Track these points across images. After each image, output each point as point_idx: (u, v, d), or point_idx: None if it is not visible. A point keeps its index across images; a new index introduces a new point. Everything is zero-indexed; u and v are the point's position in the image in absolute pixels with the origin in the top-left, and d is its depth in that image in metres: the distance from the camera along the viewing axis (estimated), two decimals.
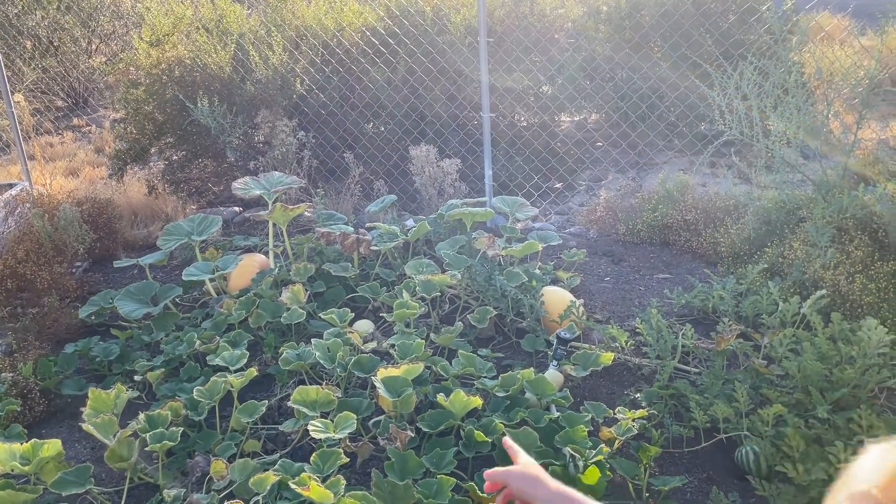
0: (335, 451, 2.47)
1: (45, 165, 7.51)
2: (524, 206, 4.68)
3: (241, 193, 4.31)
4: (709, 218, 4.77)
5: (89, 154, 8.32)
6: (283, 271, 4.10)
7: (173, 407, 2.96)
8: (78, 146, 8.74)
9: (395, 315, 3.44)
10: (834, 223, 3.88)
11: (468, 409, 2.78)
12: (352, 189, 5.52)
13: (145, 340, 3.75)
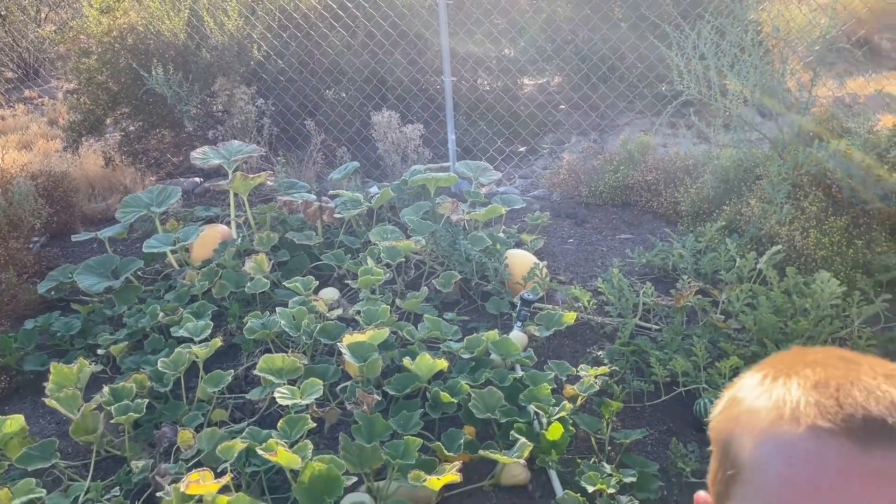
0: (302, 416, 2.49)
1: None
2: (487, 171, 4.68)
3: (201, 163, 4.25)
4: (669, 178, 4.83)
5: (42, 126, 8.09)
6: (246, 241, 4.06)
7: (138, 379, 2.94)
8: (30, 119, 8.49)
9: (360, 282, 3.45)
10: (789, 180, 3.96)
11: (434, 372, 2.81)
12: (314, 157, 5.47)
13: (107, 314, 3.71)
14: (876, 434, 0.59)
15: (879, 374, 0.64)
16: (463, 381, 2.79)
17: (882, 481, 0.58)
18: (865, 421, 0.60)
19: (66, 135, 6.13)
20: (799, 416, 0.62)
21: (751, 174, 4.31)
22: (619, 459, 2.59)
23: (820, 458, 0.60)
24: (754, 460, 0.64)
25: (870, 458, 0.58)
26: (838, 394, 0.62)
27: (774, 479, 0.61)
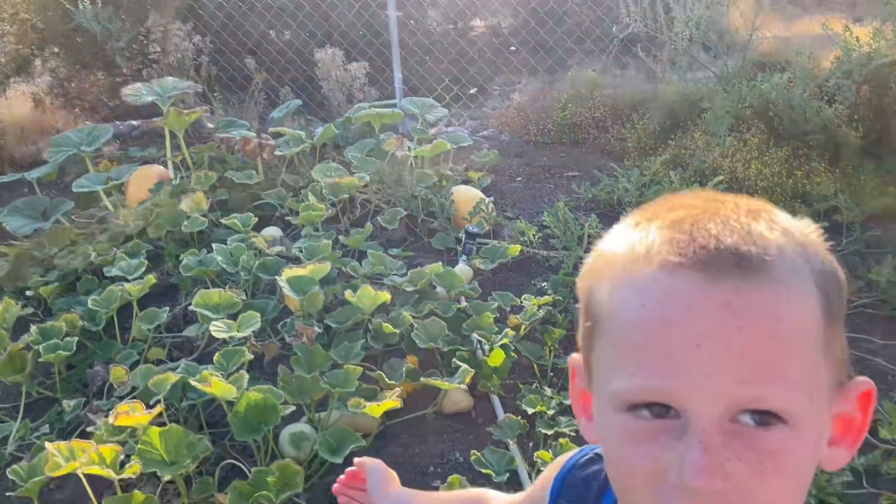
0: (239, 349, 2.43)
1: None
2: (434, 108, 4.59)
3: (133, 100, 4.06)
4: (617, 115, 4.81)
5: None
6: (184, 181, 3.92)
7: (68, 319, 2.83)
8: None
9: (301, 218, 3.36)
10: (732, 113, 3.97)
11: (377, 305, 2.77)
12: (255, 97, 5.29)
13: (37, 256, 3.55)
14: (726, 265, 0.55)
15: (742, 209, 0.60)
16: (406, 312, 2.75)
17: (731, 313, 0.54)
18: (717, 252, 0.56)
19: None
20: (652, 255, 0.58)
21: (696, 108, 4.31)
22: (561, 384, 2.60)
23: (670, 294, 0.56)
24: (611, 306, 0.60)
25: (720, 290, 0.55)
26: (692, 228, 0.58)
27: (628, 321, 0.58)
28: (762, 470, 0.55)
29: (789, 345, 0.55)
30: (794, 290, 0.57)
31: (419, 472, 2.35)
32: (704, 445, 0.54)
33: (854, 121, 3.79)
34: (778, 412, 0.55)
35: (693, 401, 0.55)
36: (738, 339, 0.54)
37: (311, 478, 2.28)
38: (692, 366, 0.54)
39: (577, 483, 0.82)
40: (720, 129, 3.91)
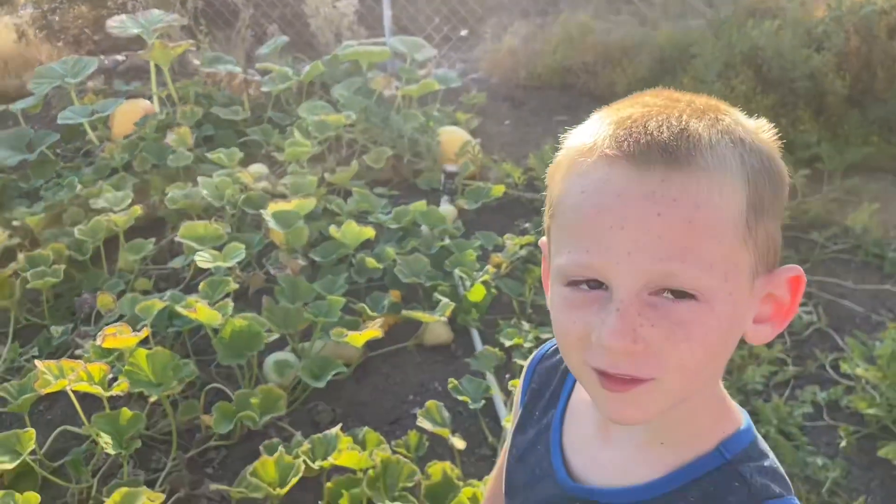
0: (224, 279, 2.47)
1: None
2: (423, 48, 4.56)
3: (118, 32, 4.01)
4: (607, 59, 4.78)
5: None
6: (169, 116, 3.90)
7: (55, 248, 2.86)
8: None
9: (287, 154, 3.38)
10: (722, 59, 3.96)
11: (361, 240, 2.81)
12: (242, 33, 5.22)
13: (23, 188, 3.57)
14: (655, 158, 0.62)
15: (692, 108, 0.66)
16: (390, 249, 2.79)
17: (653, 200, 0.61)
18: (647, 147, 0.62)
19: None
20: (595, 148, 0.65)
21: (686, 54, 4.30)
22: (540, 320, 2.67)
23: (604, 183, 0.63)
24: (561, 192, 0.68)
25: (647, 180, 0.61)
26: (633, 125, 0.64)
27: (571, 205, 0.66)
28: (672, 336, 0.62)
29: (704, 230, 0.61)
30: (716, 182, 0.62)
31: (399, 399, 2.43)
32: (620, 313, 0.62)
33: (841, 70, 3.80)
34: (688, 289, 0.62)
35: (616, 275, 0.63)
36: (657, 223, 0.61)
37: (293, 403, 2.36)
38: (616, 245, 0.62)
39: (544, 370, 0.90)
40: (709, 76, 3.92)
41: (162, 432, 2.28)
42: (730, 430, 0.73)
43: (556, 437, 0.83)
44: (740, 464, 0.71)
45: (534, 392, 0.90)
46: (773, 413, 2.18)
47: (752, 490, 0.70)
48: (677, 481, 0.72)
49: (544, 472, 0.82)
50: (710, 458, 0.72)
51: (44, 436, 2.25)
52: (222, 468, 2.20)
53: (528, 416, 0.89)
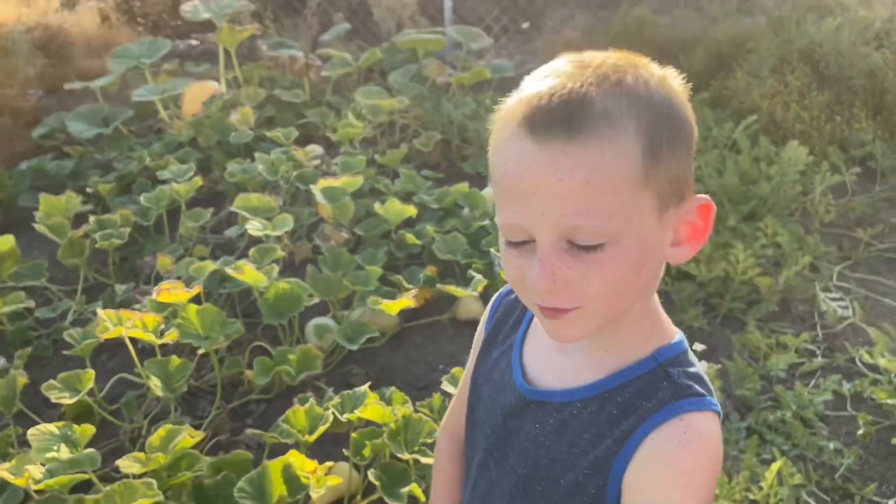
0: (272, 247, 2.64)
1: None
2: (480, 37, 4.66)
3: (190, 16, 4.25)
4: (663, 53, 4.77)
5: None
6: (234, 96, 4.12)
7: (123, 213, 3.09)
8: None
9: (339, 134, 3.53)
10: (778, 54, 3.93)
11: (403, 218, 2.94)
12: (309, 21, 5.42)
13: (98, 159, 3.83)
14: (555, 131, 0.72)
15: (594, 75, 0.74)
16: (429, 227, 2.91)
17: (555, 168, 0.72)
18: (549, 122, 0.72)
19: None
20: (511, 123, 0.76)
21: (742, 49, 4.27)
22: None
23: (516, 155, 0.75)
24: (492, 162, 0.80)
25: (549, 151, 0.72)
26: (540, 101, 0.73)
27: (500, 175, 0.77)
28: (587, 274, 0.76)
29: (601, 188, 0.72)
30: (609, 144, 0.72)
31: (429, 367, 2.55)
32: (542, 261, 0.76)
33: None
34: (594, 241, 0.74)
35: (536, 230, 0.76)
36: (560, 187, 0.73)
37: (330, 365, 2.51)
38: (533, 207, 0.74)
39: (509, 302, 1.03)
40: (763, 70, 3.89)
41: (208, 384, 2.47)
42: (664, 340, 0.87)
43: (516, 353, 0.96)
44: (670, 367, 0.84)
45: (498, 320, 1.03)
46: (794, 399, 2.21)
47: (677, 388, 0.82)
48: (616, 381, 0.85)
49: (505, 383, 0.95)
50: (646, 363, 0.85)
51: (104, 381, 2.46)
52: (261, 419, 2.37)
53: (492, 341, 1.02)
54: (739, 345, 2.55)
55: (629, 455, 0.81)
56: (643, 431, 0.80)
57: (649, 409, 0.81)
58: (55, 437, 1.78)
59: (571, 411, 0.87)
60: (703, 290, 2.76)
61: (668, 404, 0.81)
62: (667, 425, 0.80)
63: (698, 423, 0.80)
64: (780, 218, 3.06)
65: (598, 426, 0.84)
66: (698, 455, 0.79)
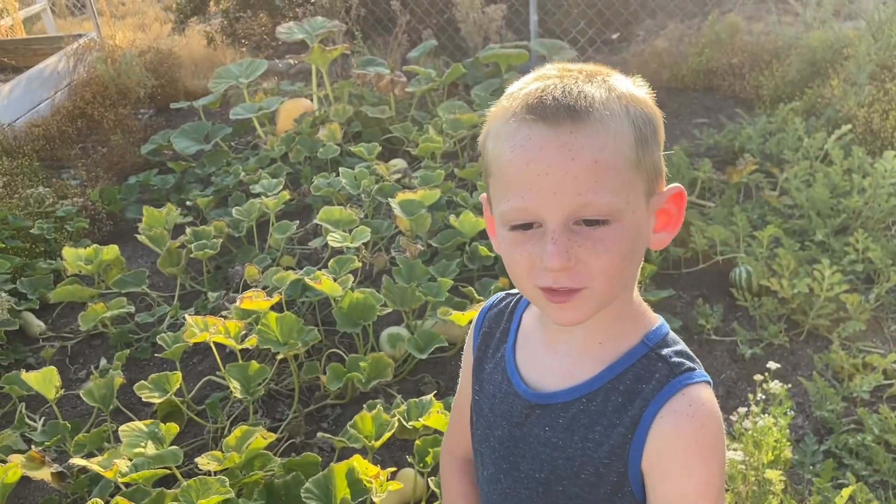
0: (350, 257, 2.75)
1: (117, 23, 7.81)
2: (563, 50, 4.66)
3: (285, 37, 4.47)
4: (755, 61, 4.64)
5: (158, 12, 8.56)
6: (324, 113, 4.30)
7: (217, 225, 3.29)
8: (147, 4, 8.99)
9: (420, 149, 3.63)
10: (877, 60, 3.74)
11: (477, 230, 2.99)
12: (399, 38, 5.58)
13: (198, 174, 4.09)
14: (563, 116, 0.79)
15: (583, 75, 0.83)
16: None
17: (567, 149, 0.79)
18: (556, 108, 0.79)
19: (174, 16, 6.51)
20: (515, 114, 0.82)
21: (839, 55, 4.09)
22: None
23: (527, 140, 0.80)
24: (493, 153, 0.85)
25: (559, 134, 0.79)
26: (542, 94, 0.81)
27: (506, 164, 0.82)
28: (595, 250, 0.81)
29: (607, 167, 0.79)
30: (611, 128, 0.80)
31: None
32: (554, 240, 0.80)
33: None
34: (602, 216, 0.80)
35: (547, 212, 0.80)
36: (572, 166, 0.79)
37: (403, 373, 2.59)
38: (544, 188, 0.80)
39: (493, 315, 1.08)
40: (861, 77, 3.72)
41: (287, 388, 2.59)
42: (650, 326, 0.92)
43: (510, 362, 1.00)
44: (660, 349, 0.90)
45: (486, 334, 1.07)
46: (877, 423, 2.10)
47: (672, 367, 0.88)
48: (615, 370, 0.90)
49: (505, 392, 0.99)
50: (638, 349, 0.91)
51: (193, 382, 2.64)
52: (335, 424, 2.47)
53: (483, 357, 1.06)
54: (822, 364, 2.45)
55: (643, 437, 0.86)
56: (651, 412, 0.86)
57: (651, 390, 0.87)
58: (143, 434, 1.93)
59: (578, 407, 0.91)
60: (784, 306, 2.66)
61: (668, 382, 0.87)
62: (671, 402, 0.86)
63: (698, 394, 0.86)
64: (873, 232, 2.91)
65: (606, 416, 0.89)
66: (706, 423, 0.85)
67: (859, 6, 4.29)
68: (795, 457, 2.03)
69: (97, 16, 6.36)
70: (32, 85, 4.99)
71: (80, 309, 3.00)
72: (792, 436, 2.14)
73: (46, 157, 4.45)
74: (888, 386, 2.33)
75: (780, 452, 1.84)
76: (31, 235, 3.41)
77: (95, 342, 3.03)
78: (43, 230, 3.38)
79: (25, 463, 1.97)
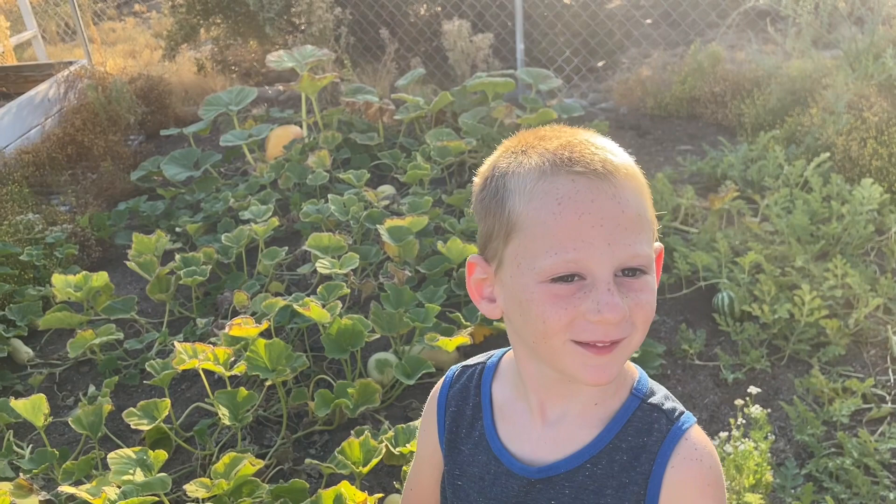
0: (338, 283, 2.78)
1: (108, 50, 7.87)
2: (548, 78, 4.74)
3: (275, 66, 4.53)
4: (737, 89, 4.74)
5: (149, 39, 8.63)
6: (313, 140, 4.35)
7: (206, 251, 3.31)
8: (138, 31, 9.06)
9: (408, 176, 3.68)
10: (854, 89, 3.84)
11: (464, 256, 3.03)
12: (388, 66, 5.66)
13: (188, 200, 4.12)
14: (608, 169, 0.82)
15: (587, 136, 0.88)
16: None
17: (617, 201, 0.81)
18: (601, 162, 0.82)
19: (165, 43, 6.57)
20: (557, 169, 0.82)
21: (818, 84, 4.19)
22: None
23: (576, 193, 0.81)
24: (529, 210, 0.83)
25: (608, 186, 0.81)
26: (573, 149, 0.83)
27: (550, 217, 0.81)
28: (638, 302, 0.83)
29: (644, 219, 0.84)
30: (640, 184, 0.86)
31: None
32: (611, 292, 0.80)
33: None
34: (643, 266, 0.83)
35: (598, 263, 0.81)
36: (623, 218, 0.81)
37: (390, 399, 2.61)
38: (597, 239, 0.80)
39: (457, 393, 1.04)
40: (839, 106, 3.81)
41: (276, 414, 2.61)
42: (634, 376, 0.93)
43: (494, 440, 0.96)
44: (651, 398, 0.91)
45: (454, 414, 1.02)
46: (856, 446, 2.14)
47: (667, 414, 0.90)
48: (615, 429, 0.90)
49: (495, 473, 0.95)
50: (630, 402, 0.91)
51: (181, 410, 2.65)
52: (323, 450, 2.48)
53: (455, 437, 1.02)
54: (803, 389, 2.50)
55: (657, 490, 0.87)
56: (660, 464, 0.87)
57: (655, 442, 0.88)
58: (132, 461, 1.94)
59: (584, 474, 0.89)
60: (766, 331, 2.71)
61: (668, 432, 0.88)
62: (678, 450, 0.87)
63: (699, 436, 0.89)
64: (852, 258, 2.98)
65: (615, 478, 0.88)
66: (712, 463, 0.88)
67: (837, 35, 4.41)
68: (776, 480, 2.07)
69: (88, 43, 6.41)
70: (23, 112, 5.02)
71: (68, 335, 3.01)
72: (773, 460, 2.18)
73: (36, 184, 4.47)
74: (867, 410, 2.37)
75: (761, 476, 1.87)
76: (20, 262, 3.42)
77: (84, 369, 3.03)
78: (32, 256, 3.40)
79: (14, 491, 1.98)
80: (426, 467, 1.08)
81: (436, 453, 1.05)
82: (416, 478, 1.13)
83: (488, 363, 1.05)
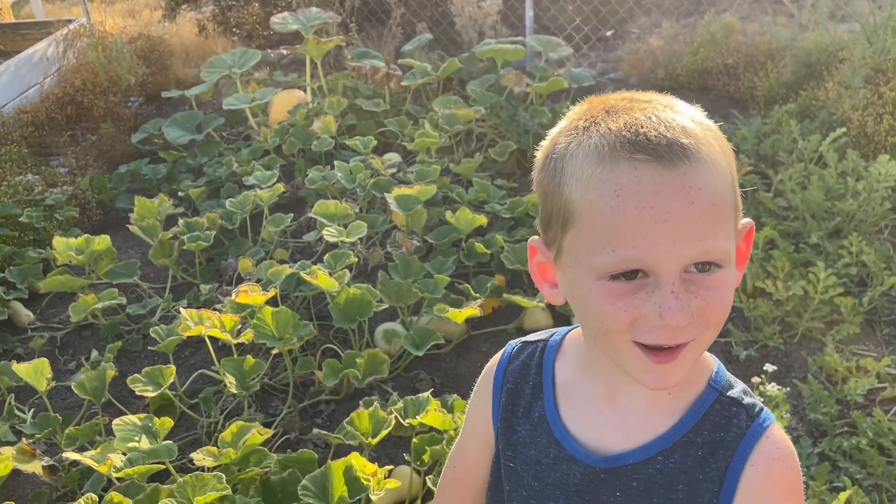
0: (346, 252, 2.73)
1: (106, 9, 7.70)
2: (559, 46, 4.65)
3: (280, 28, 4.43)
4: (750, 62, 4.65)
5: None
6: (318, 105, 4.26)
7: (210, 217, 3.26)
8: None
9: (415, 144, 3.61)
10: (871, 63, 3.76)
11: (473, 227, 2.98)
12: (393, 31, 5.54)
13: (190, 164, 4.05)
14: (675, 154, 0.71)
15: (661, 105, 0.76)
16: (499, 236, 2.94)
17: (685, 192, 0.71)
18: (667, 146, 0.71)
19: (164, 3, 6.43)
20: (616, 155, 0.72)
21: (834, 58, 4.10)
22: None
23: (638, 184, 0.71)
24: (586, 200, 0.74)
25: (674, 176, 0.71)
26: (643, 129, 0.72)
27: (608, 211, 0.72)
28: (711, 300, 0.74)
29: (720, 211, 0.73)
30: (716, 167, 0.73)
31: None
32: (675, 294, 0.72)
33: None
34: (716, 260, 0.73)
35: (662, 262, 0.72)
36: (692, 211, 0.71)
37: (398, 369, 2.58)
38: (661, 236, 0.71)
39: (515, 370, 0.97)
40: (855, 81, 3.73)
41: (282, 383, 2.57)
42: (711, 367, 0.87)
43: (556, 423, 0.90)
44: (730, 391, 0.85)
45: (511, 391, 0.96)
46: (871, 426, 2.12)
47: (748, 409, 0.84)
48: (690, 421, 0.84)
49: (554, 457, 0.89)
50: (708, 394, 0.85)
51: (186, 376, 2.62)
52: (330, 420, 2.45)
53: (511, 415, 0.95)
54: (816, 367, 2.47)
55: (733, 488, 0.81)
56: (739, 462, 0.81)
57: (733, 438, 0.82)
58: (137, 428, 1.90)
59: (654, 466, 0.83)
60: (779, 308, 2.67)
61: (749, 428, 0.82)
62: (759, 448, 0.81)
63: (779, 435, 0.83)
64: (867, 236, 2.93)
65: (687, 473, 0.82)
66: (793, 465, 0.82)
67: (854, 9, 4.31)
68: None
69: (86, 0, 6.27)
70: (21, 70, 4.91)
71: (69, 299, 2.96)
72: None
73: (35, 144, 4.38)
74: (881, 389, 2.35)
75: None
76: (19, 224, 3.36)
77: (85, 333, 2.99)
78: (32, 218, 3.33)
79: (16, 455, 1.95)
80: (474, 445, 1.01)
81: (486, 431, 0.98)
82: (460, 455, 1.06)
83: (550, 341, 0.97)
